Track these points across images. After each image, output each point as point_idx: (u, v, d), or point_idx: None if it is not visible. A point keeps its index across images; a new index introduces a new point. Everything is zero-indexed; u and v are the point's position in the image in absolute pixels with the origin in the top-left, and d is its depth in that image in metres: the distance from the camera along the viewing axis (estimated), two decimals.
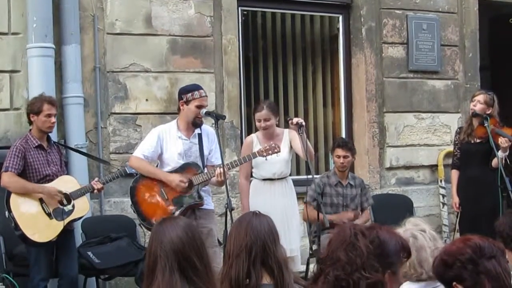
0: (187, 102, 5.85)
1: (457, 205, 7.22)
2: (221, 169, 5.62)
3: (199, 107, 5.84)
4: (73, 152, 6.50)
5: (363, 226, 2.62)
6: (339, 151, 6.77)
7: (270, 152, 5.88)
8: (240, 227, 3.30)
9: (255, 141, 6.35)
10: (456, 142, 7.37)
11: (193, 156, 5.93)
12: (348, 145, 6.88)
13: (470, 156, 7.15)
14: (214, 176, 5.78)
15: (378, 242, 2.54)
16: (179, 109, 5.96)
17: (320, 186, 6.62)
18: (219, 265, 4.12)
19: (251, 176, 6.51)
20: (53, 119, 5.81)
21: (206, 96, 5.99)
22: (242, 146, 6.85)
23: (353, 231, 2.56)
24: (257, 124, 6.37)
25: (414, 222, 3.39)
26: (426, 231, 3.29)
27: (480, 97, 7.08)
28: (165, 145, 5.91)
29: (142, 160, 5.87)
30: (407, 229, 3.32)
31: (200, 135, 5.96)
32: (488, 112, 7.00)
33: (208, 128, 6.08)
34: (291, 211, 6.39)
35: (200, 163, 5.91)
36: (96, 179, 5.96)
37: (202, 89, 5.99)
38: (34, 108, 5.75)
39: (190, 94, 5.87)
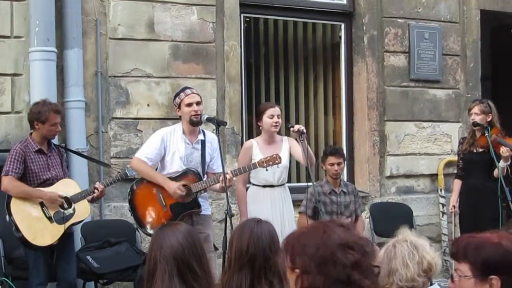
0: (179, 106, 5.94)
1: (454, 207, 7.21)
2: (227, 175, 5.63)
3: (190, 105, 5.87)
4: (74, 156, 6.50)
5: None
6: (332, 159, 6.75)
7: (270, 163, 5.87)
8: (242, 236, 3.29)
9: (255, 146, 6.32)
10: (459, 152, 7.37)
11: (194, 161, 5.93)
12: (339, 151, 6.87)
13: (472, 165, 7.15)
14: (213, 183, 5.79)
15: None
16: (180, 117, 6.00)
17: (319, 194, 6.61)
18: (214, 271, 4.13)
19: (249, 182, 6.49)
20: (59, 128, 5.83)
21: (196, 93, 5.98)
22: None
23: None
24: (269, 121, 6.25)
25: (403, 233, 3.38)
26: (408, 241, 3.27)
27: (476, 109, 7.08)
28: (168, 147, 5.91)
29: (143, 162, 5.87)
30: (396, 240, 3.32)
31: (203, 142, 5.97)
32: (489, 120, 7.01)
33: (211, 134, 6.09)
34: (290, 218, 6.37)
35: (200, 170, 5.91)
36: (98, 183, 5.95)
37: (188, 88, 6.06)
38: (40, 117, 5.71)
39: (177, 98, 5.97)
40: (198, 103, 5.91)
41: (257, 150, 6.28)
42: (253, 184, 6.41)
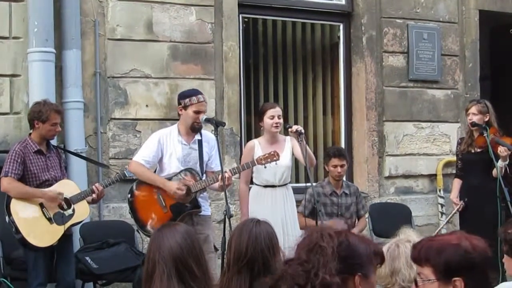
0: (185, 107, 5.86)
1: (457, 199, 7.18)
2: (226, 174, 5.62)
3: (197, 112, 5.82)
4: (73, 157, 6.50)
5: (332, 229, 2.51)
6: (336, 161, 6.74)
7: (269, 160, 5.86)
8: (241, 238, 3.28)
9: (257, 146, 6.32)
10: (458, 152, 7.37)
11: (192, 161, 5.92)
12: (343, 153, 6.87)
13: (471, 165, 7.15)
14: (213, 182, 5.78)
15: (347, 244, 2.43)
16: (179, 114, 5.98)
17: (319, 194, 6.61)
18: (214, 271, 4.12)
19: (251, 181, 6.49)
20: (59, 128, 5.82)
21: (205, 101, 5.96)
22: (241, 152, 6.84)
23: (320, 233, 2.46)
24: (270, 121, 6.26)
25: (405, 233, 3.37)
26: (411, 242, 3.26)
27: (473, 109, 7.07)
28: (165, 149, 5.91)
29: (141, 165, 5.87)
30: (398, 239, 3.31)
31: (200, 141, 5.96)
32: (486, 120, 7.01)
33: (208, 134, 6.06)
34: (292, 218, 6.36)
35: (199, 169, 5.91)
36: (97, 184, 5.94)
37: (201, 94, 5.97)
38: (41, 116, 5.69)
39: (187, 100, 5.87)
40: (204, 112, 5.90)
41: (259, 150, 6.27)
42: (256, 184, 6.41)
